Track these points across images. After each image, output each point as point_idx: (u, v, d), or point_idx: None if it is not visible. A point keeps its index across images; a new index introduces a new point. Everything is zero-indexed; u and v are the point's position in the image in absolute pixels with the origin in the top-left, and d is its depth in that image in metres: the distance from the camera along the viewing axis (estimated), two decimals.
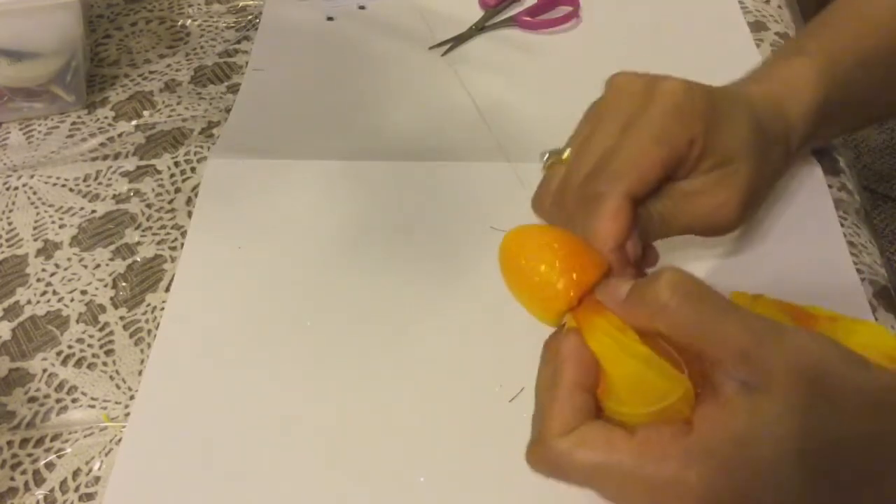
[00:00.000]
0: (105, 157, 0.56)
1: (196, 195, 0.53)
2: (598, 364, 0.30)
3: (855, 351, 0.27)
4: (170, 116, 0.59)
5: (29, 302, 0.48)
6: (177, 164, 0.56)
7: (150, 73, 0.63)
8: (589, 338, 0.30)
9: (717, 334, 0.27)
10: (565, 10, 0.65)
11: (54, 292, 0.49)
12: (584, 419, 0.29)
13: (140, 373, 0.45)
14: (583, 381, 0.30)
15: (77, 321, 0.47)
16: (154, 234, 0.51)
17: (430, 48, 0.62)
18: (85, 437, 0.42)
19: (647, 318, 0.29)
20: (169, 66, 0.63)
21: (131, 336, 0.46)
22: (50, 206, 0.53)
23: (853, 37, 0.43)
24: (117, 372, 0.45)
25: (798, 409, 0.26)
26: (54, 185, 0.54)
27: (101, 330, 0.47)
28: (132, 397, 0.44)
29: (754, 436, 0.26)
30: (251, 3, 0.69)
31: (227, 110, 0.59)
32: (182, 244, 0.51)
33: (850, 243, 0.49)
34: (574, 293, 0.31)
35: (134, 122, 0.59)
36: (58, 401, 0.44)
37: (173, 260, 0.50)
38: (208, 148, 0.56)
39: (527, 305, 0.33)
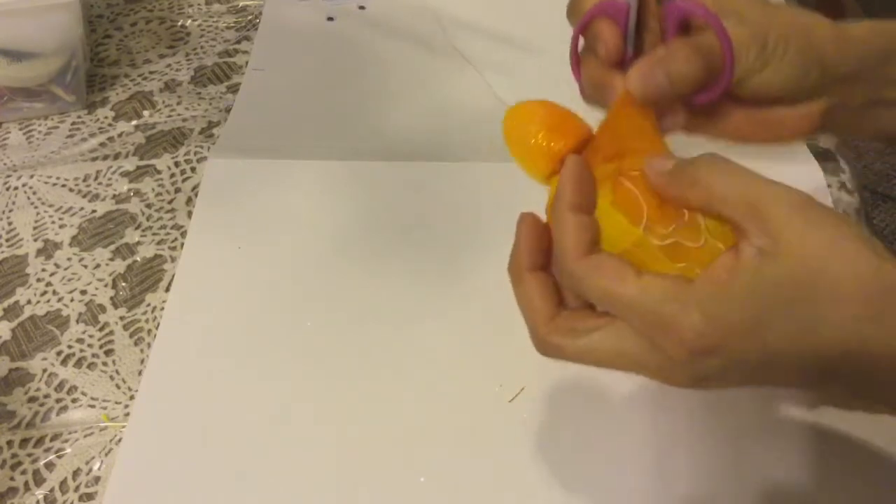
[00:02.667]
0: (105, 157, 0.56)
1: (196, 195, 0.53)
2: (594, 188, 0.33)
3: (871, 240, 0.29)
4: (170, 116, 0.59)
5: (29, 302, 0.48)
6: (177, 164, 0.56)
7: (150, 73, 0.63)
8: None
9: (736, 196, 0.29)
10: None
11: (54, 292, 0.49)
12: (594, 242, 0.31)
13: (140, 373, 0.45)
14: (582, 202, 0.32)
15: (77, 321, 0.47)
16: (154, 234, 0.51)
17: None
18: (85, 437, 0.42)
19: (683, 191, 0.31)
20: (169, 66, 0.63)
21: (131, 336, 0.46)
22: (50, 206, 0.53)
23: None
24: (117, 372, 0.45)
25: (793, 281, 0.28)
26: (54, 185, 0.54)
27: (101, 330, 0.47)
28: (132, 397, 0.44)
29: (750, 292, 0.28)
30: (251, 3, 0.69)
31: (227, 110, 0.59)
32: (182, 244, 0.51)
33: None
34: (559, 152, 0.36)
35: (134, 122, 0.59)
36: (58, 401, 0.44)
37: (173, 260, 0.50)
38: (208, 148, 0.56)
39: (523, 165, 0.38)
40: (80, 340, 0.46)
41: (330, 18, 0.67)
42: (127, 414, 0.43)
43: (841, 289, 0.28)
